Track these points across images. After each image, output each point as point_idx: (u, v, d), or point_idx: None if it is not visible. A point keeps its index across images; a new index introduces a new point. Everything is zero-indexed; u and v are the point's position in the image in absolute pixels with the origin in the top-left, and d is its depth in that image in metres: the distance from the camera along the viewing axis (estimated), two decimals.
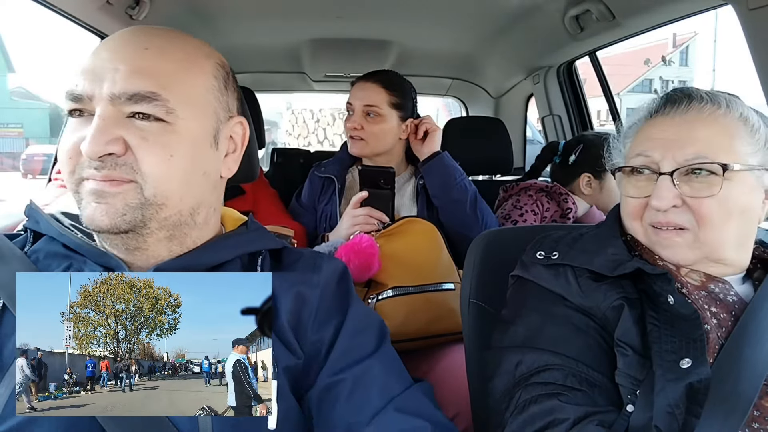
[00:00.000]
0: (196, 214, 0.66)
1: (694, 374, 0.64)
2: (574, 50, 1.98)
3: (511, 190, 1.70)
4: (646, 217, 0.75)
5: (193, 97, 0.62)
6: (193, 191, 0.64)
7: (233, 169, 0.70)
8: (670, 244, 0.73)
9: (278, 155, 2.25)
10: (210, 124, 0.65)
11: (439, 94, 3.01)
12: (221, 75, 0.67)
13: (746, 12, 1.10)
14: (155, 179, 0.59)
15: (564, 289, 0.74)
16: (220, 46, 2.53)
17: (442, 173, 1.46)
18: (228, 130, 0.68)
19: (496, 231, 1.03)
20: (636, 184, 0.76)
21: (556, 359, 0.69)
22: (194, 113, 0.62)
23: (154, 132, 0.59)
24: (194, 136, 0.62)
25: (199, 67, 0.65)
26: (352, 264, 1.25)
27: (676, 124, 0.74)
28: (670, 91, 0.79)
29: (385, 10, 1.85)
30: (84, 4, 1.38)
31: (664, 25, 1.56)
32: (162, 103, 0.59)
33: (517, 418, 0.68)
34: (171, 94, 0.60)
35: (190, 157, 0.62)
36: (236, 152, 0.70)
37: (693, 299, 0.72)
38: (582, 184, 1.64)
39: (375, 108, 1.49)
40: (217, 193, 0.70)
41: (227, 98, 0.68)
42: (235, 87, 0.71)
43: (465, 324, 0.95)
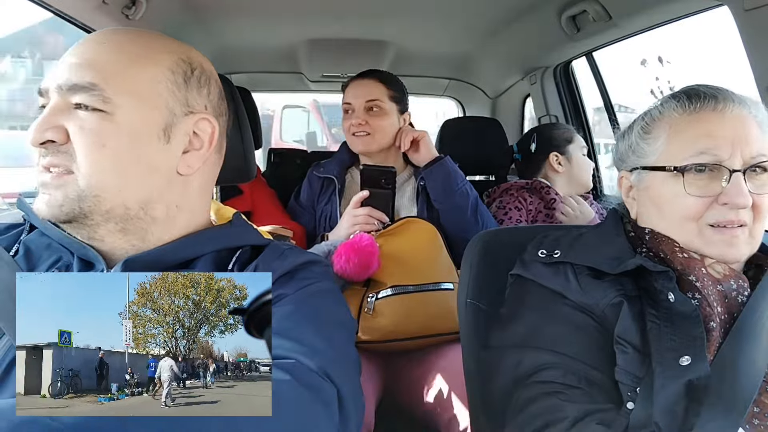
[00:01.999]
0: (149, 209, 0.65)
1: (694, 372, 0.64)
2: (571, 51, 1.99)
3: (493, 194, 1.76)
4: (708, 216, 0.73)
5: (137, 89, 0.62)
6: (134, 184, 0.63)
7: (194, 167, 0.67)
8: (735, 242, 0.72)
9: (275, 155, 2.24)
10: (158, 117, 0.64)
11: (436, 95, 3.01)
12: (182, 70, 0.66)
13: (742, 13, 1.10)
14: (87, 169, 0.60)
15: (563, 286, 0.74)
16: (216, 46, 2.52)
17: (444, 178, 1.47)
18: (188, 125, 0.66)
19: (492, 231, 1.04)
20: (697, 183, 0.73)
21: (555, 358, 0.70)
22: (136, 104, 0.62)
23: (91, 122, 0.60)
24: (135, 127, 0.62)
25: (153, 60, 0.64)
26: (351, 262, 1.25)
27: (728, 121, 0.73)
28: (695, 86, 0.78)
29: (382, 11, 1.85)
30: (80, 4, 1.37)
31: (660, 25, 1.57)
32: (98, 93, 0.60)
33: (516, 417, 0.68)
34: (109, 85, 0.60)
35: (127, 148, 0.61)
36: (201, 150, 0.68)
37: (705, 294, 0.71)
38: (553, 164, 1.73)
39: (377, 102, 1.50)
40: (180, 191, 0.67)
41: (186, 93, 0.66)
42: (207, 84, 0.69)
43: (462, 324, 0.95)
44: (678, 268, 0.73)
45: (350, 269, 1.25)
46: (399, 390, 1.36)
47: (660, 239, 0.76)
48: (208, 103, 0.69)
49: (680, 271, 0.73)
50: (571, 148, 1.74)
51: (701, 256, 0.74)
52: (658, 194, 0.77)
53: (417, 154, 1.50)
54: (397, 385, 1.37)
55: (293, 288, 0.64)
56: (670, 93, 0.81)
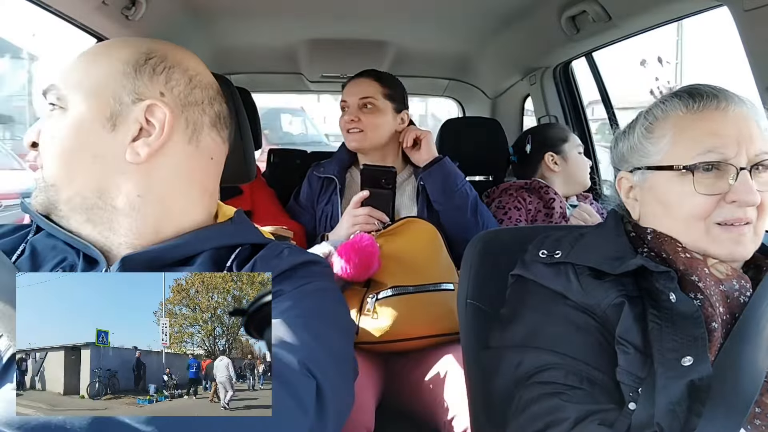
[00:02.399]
0: (106, 198, 0.66)
1: (696, 372, 0.64)
2: (571, 51, 1.99)
3: (493, 194, 1.77)
4: (717, 214, 0.73)
5: (86, 83, 0.66)
6: (82, 173, 0.66)
7: (142, 154, 0.66)
8: (743, 240, 0.72)
9: (275, 155, 2.24)
10: (103, 106, 0.65)
11: (436, 95, 3.01)
12: (134, 59, 0.67)
13: (741, 13, 1.10)
14: (44, 161, 0.67)
15: (564, 287, 0.74)
16: (216, 47, 2.52)
17: (444, 179, 1.47)
18: (138, 113, 0.66)
19: (492, 231, 1.03)
20: (704, 182, 0.73)
21: (556, 358, 0.69)
22: (83, 97, 0.66)
23: (52, 119, 0.67)
24: (81, 118, 0.66)
25: (107, 56, 0.68)
26: (352, 263, 1.25)
27: (732, 119, 0.73)
28: (695, 85, 0.78)
29: (381, 11, 1.85)
30: (79, 5, 1.37)
31: (660, 26, 1.57)
32: (55, 91, 0.66)
33: (518, 418, 0.68)
34: (64, 83, 0.66)
35: (72, 138, 0.66)
36: (152, 136, 0.66)
37: (708, 294, 0.71)
38: (549, 164, 1.73)
39: (370, 99, 1.52)
40: (138, 180, 0.66)
41: (135, 81, 0.66)
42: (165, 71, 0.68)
43: (462, 324, 0.95)
44: (680, 268, 0.73)
45: (350, 269, 1.25)
46: (399, 390, 1.36)
47: (662, 239, 0.76)
48: (166, 91, 0.68)
49: (683, 271, 0.73)
50: (567, 147, 1.75)
51: (704, 256, 0.74)
52: (665, 194, 0.76)
53: (417, 153, 1.51)
54: (397, 386, 1.36)
55: (291, 286, 0.64)
56: (671, 92, 0.81)
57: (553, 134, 1.79)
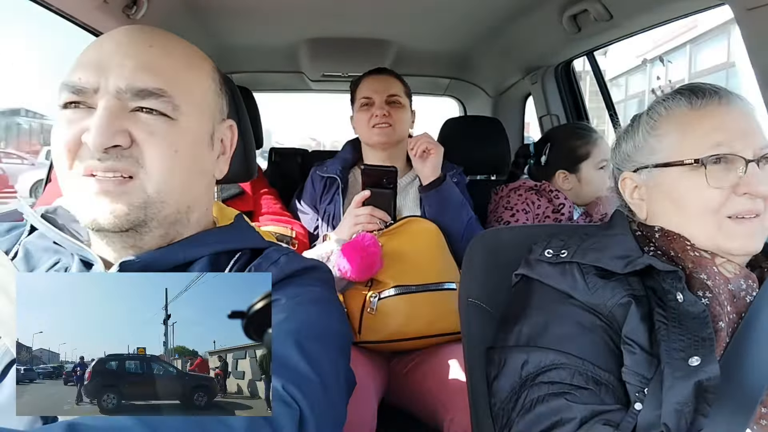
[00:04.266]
0: (190, 213, 0.66)
1: (703, 372, 0.64)
2: (572, 50, 1.98)
3: (501, 192, 1.73)
4: (728, 208, 0.73)
5: (195, 96, 0.64)
6: (191, 189, 0.65)
7: (224, 171, 0.72)
8: (754, 232, 0.73)
9: (276, 155, 2.24)
10: (208, 124, 0.67)
11: (437, 94, 3.01)
12: (217, 78, 0.69)
13: (744, 12, 1.10)
14: (159, 174, 0.60)
15: (570, 286, 0.74)
16: (217, 46, 2.52)
17: (440, 205, 1.46)
18: (221, 132, 0.70)
19: (494, 231, 1.03)
20: (716, 175, 0.73)
21: (562, 358, 0.69)
22: (195, 112, 0.64)
23: (160, 127, 0.60)
24: (195, 134, 0.64)
25: (199, 67, 0.67)
26: (354, 262, 1.25)
27: (734, 114, 0.75)
28: (695, 83, 0.79)
29: (382, 10, 1.85)
30: (80, 3, 1.37)
31: (662, 24, 1.56)
32: (169, 99, 0.60)
33: (523, 418, 0.68)
34: (176, 92, 0.61)
35: (192, 154, 0.63)
36: (225, 154, 0.72)
37: (717, 293, 0.71)
38: (559, 181, 1.65)
39: (397, 97, 1.56)
40: (210, 194, 0.71)
41: (221, 101, 0.70)
42: (226, 91, 0.72)
43: (463, 324, 0.95)
44: (689, 267, 0.73)
45: (353, 269, 1.25)
46: (401, 390, 1.36)
47: (671, 237, 0.76)
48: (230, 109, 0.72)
49: (691, 269, 0.73)
50: (583, 166, 1.61)
51: (712, 255, 0.74)
52: (675, 190, 0.76)
53: (422, 165, 1.46)
54: (399, 385, 1.36)
55: (287, 295, 0.62)
56: (671, 90, 0.81)
57: (575, 147, 1.63)
